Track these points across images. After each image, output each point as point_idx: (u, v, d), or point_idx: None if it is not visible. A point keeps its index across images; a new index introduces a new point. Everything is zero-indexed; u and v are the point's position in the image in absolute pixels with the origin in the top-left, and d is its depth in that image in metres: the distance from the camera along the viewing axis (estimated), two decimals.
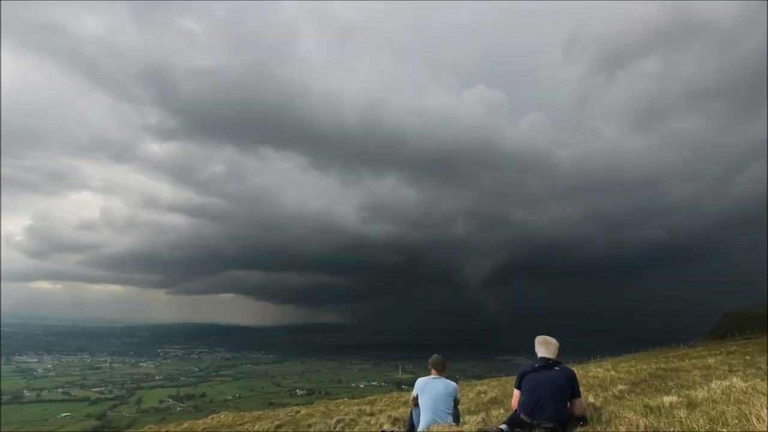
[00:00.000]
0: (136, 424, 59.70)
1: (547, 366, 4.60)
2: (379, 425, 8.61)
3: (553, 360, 4.71)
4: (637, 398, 6.24)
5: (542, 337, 4.87)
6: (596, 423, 4.56)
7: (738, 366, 10.50)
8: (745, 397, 4.58)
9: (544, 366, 4.61)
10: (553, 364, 4.65)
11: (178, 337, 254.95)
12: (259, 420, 14.66)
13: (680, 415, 4.13)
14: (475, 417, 6.35)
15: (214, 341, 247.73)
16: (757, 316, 43.94)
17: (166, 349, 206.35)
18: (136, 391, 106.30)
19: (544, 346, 4.78)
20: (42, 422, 73.35)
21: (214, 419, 17.42)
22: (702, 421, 3.89)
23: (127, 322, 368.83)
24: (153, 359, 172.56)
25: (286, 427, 12.24)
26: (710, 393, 5.16)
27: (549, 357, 4.70)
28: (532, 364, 4.73)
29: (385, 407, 12.46)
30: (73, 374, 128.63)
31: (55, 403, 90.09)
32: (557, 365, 4.65)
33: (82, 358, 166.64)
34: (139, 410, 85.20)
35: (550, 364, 4.63)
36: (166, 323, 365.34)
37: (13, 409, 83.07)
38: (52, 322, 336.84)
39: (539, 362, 4.70)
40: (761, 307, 48.86)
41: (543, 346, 4.80)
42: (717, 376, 8.33)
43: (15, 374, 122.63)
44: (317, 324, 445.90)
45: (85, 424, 73.62)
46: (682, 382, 8.37)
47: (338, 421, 10.47)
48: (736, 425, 3.64)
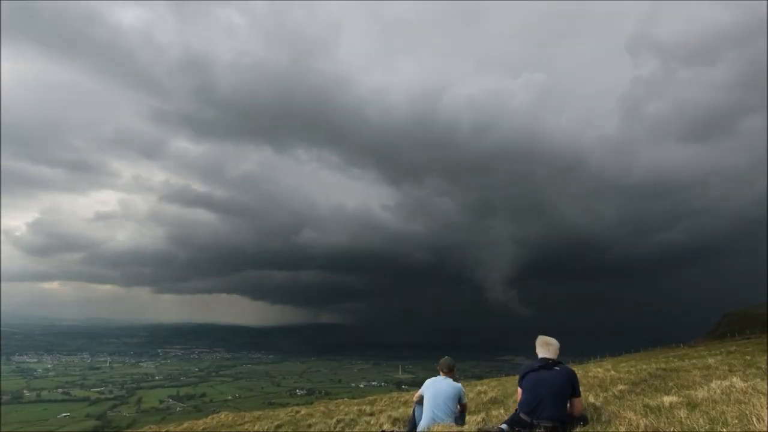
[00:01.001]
0: (136, 424, 59.69)
1: (547, 366, 4.62)
2: (379, 425, 8.61)
3: (553, 360, 4.72)
4: (637, 398, 6.24)
5: (542, 337, 4.87)
6: (596, 423, 4.57)
7: (738, 366, 10.49)
8: (745, 397, 4.58)
9: (545, 366, 4.63)
10: (553, 363, 4.66)
11: (178, 337, 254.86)
12: (259, 420, 14.67)
13: (680, 415, 4.13)
14: (475, 417, 6.35)
15: (214, 341, 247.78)
16: (757, 316, 43.97)
17: (166, 349, 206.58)
18: (136, 391, 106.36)
19: (545, 347, 4.79)
20: (42, 422, 73.38)
21: (214, 419, 17.42)
22: (702, 421, 3.90)
23: (127, 322, 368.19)
24: (153, 359, 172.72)
25: (286, 427, 12.24)
26: (710, 393, 5.16)
27: (549, 357, 4.72)
28: (533, 363, 4.74)
29: (385, 407, 12.45)
30: (73, 374, 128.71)
31: (55, 403, 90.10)
32: (558, 365, 4.66)
33: (82, 358, 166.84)
34: (139, 410, 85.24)
35: (550, 364, 4.64)
36: (166, 323, 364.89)
37: (13, 409, 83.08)
38: (52, 322, 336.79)
39: (540, 362, 4.72)
40: (761, 307, 48.88)
41: (543, 346, 4.80)
42: (717, 376, 8.33)
43: (15, 374, 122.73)
44: (317, 324, 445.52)
45: (85, 424, 73.68)
46: (682, 382, 8.37)
47: (338, 421, 10.48)
48: (736, 425, 3.64)
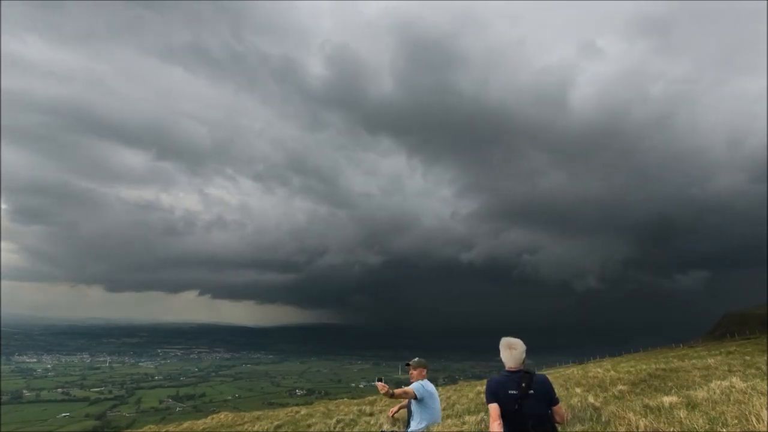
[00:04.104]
0: (135, 425, 59.66)
1: (522, 393, 3.72)
2: (379, 425, 8.61)
3: (523, 375, 3.81)
4: (637, 398, 6.25)
5: (506, 340, 4.00)
6: (596, 423, 4.56)
7: (738, 366, 10.51)
8: (745, 398, 4.59)
9: (520, 394, 3.72)
10: (527, 385, 3.74)
11: (178, 337, 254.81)
12: (258, 420, 14.66)
13: (680, 416, 4.13)
14: (475, 417, 6.35)
15: (213, 341, 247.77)
16: (757, 316, 44.01)
17: (166, 349, 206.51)
18: (136, 391, 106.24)
19: (509, 352, 3.92)
20: (42, 422, 73.32)
21: (213, 419, 17.41)
22: (702, 421, 3.90)
23: (127, 322, 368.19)
24: (153, 359, 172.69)
25: (286, 427, 12.23)
26: (710, 393, 5.17)
27: (515, 368, 3.88)
28: (505, 386, 3.80)
29: (385, 407, 12.44)
30: (72, 374, 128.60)
31: (55, 403, 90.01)
32: (530, 384, 3.75)
33: (81, 358, 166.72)
34: (139, 410, 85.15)
35: (524, 388, 3.73)
36: (166, 323, 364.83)
37: (13, 409, 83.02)
38: (52, 322, 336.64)
39: (508, 379, 3.83)
40: (761, 307, 48.93)
41: (507, 351, 3.94)
42: (717, 376, 8.34)
43: (15, 374, 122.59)
44: (318, 324, 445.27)
45: (85, 424, 73.58)
46: (682, 382, 8.38)
47: (338, 421, 10.47)
48: (736, 425, 3.64)
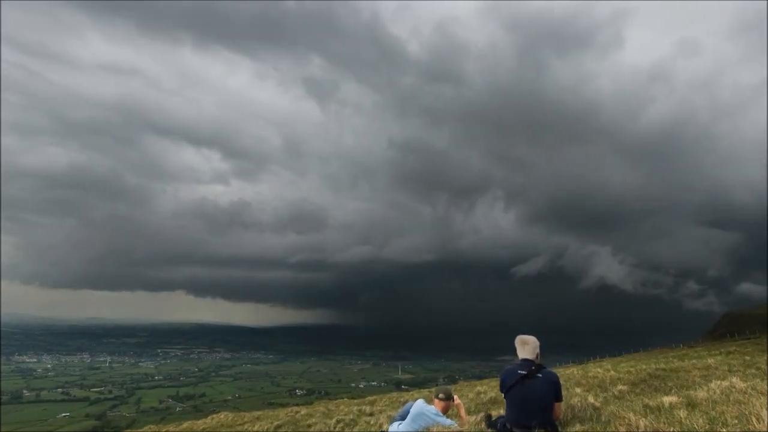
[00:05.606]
0: (135, 424, 59.66)
1: (530, 374, 4.53)
2: (379, 425, 8.60)
3: (534, 363, 4.66)
4: (637, 398, 6.25)
5: (520, 336, 4.90)
6: (596, 423, 4.56)
7: (738, 366, 10.52)
8: (745, 398, 4.59)
9: (527, 375, 4.53)
10: (536, 369, 4.57)
11: (178, 337, 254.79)
12: (258, 420, 14.66)
13: (680, 416, 4.13)
14: (475, 417, 6.34)
15: (213, 341, 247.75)
16: (757, 316, 44.02)
17: (166, 349, 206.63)
18: (136, 391, 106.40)
19: (522, 346, 4.81)
20: (42, 422, 73.41)
21: (213, 419, 17.41)
22: (702, 421, 3.90)
23: (126, 322, 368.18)
24: (153, 359, 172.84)
25: (286, 427, 12.23)
26: (710, 393, 5.17)
27: (528, 358, 4.72)
28: (515, 369, 4.65)
29: (385, 407, 12.44)
30: (72, 374, 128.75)
31: (55, 403, 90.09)
32: (540, 370, 4.57)
33: (81, 358, 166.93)
34: (139, 410, 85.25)
35: (533, 371, 4.54)
36: (166, 323, 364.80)
37: (13, 409, 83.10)
38: (52, 322, 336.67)
39: (520, 365, 4.67)
40: (761, 307, 48.97)
41: (521, 346, 4.82)
42: (717, 376, 8.35)
43: (15, 374, 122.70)
44: (318, 324, 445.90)
45: (85, 424, 73.64)
46: (682, 382, 8.38)
47: (338, 421, 10.46)
48: (736, 425, 3.64)
